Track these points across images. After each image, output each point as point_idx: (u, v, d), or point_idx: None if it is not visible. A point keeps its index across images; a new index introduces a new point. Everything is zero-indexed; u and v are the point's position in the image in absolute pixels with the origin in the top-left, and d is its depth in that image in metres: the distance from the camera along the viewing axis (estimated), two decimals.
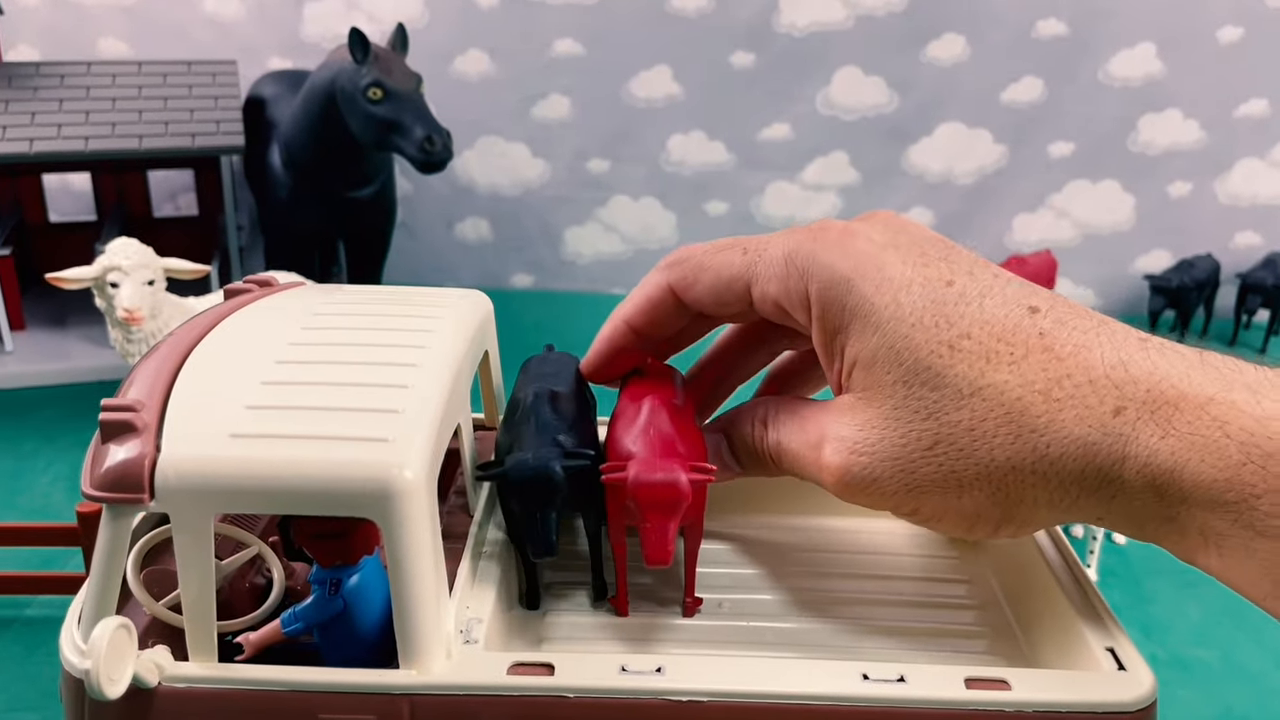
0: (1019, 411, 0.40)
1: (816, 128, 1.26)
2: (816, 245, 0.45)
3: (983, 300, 0.42)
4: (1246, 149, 1.26)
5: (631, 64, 1.25)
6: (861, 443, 0.43)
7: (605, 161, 1.30)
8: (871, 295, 0.43)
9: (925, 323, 0.42)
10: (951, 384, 0.41)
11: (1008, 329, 0.41)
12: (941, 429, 0.41)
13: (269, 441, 0.41)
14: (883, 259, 0.44)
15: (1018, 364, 0.40)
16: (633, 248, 1.35)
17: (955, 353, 0.41)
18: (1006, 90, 1.23)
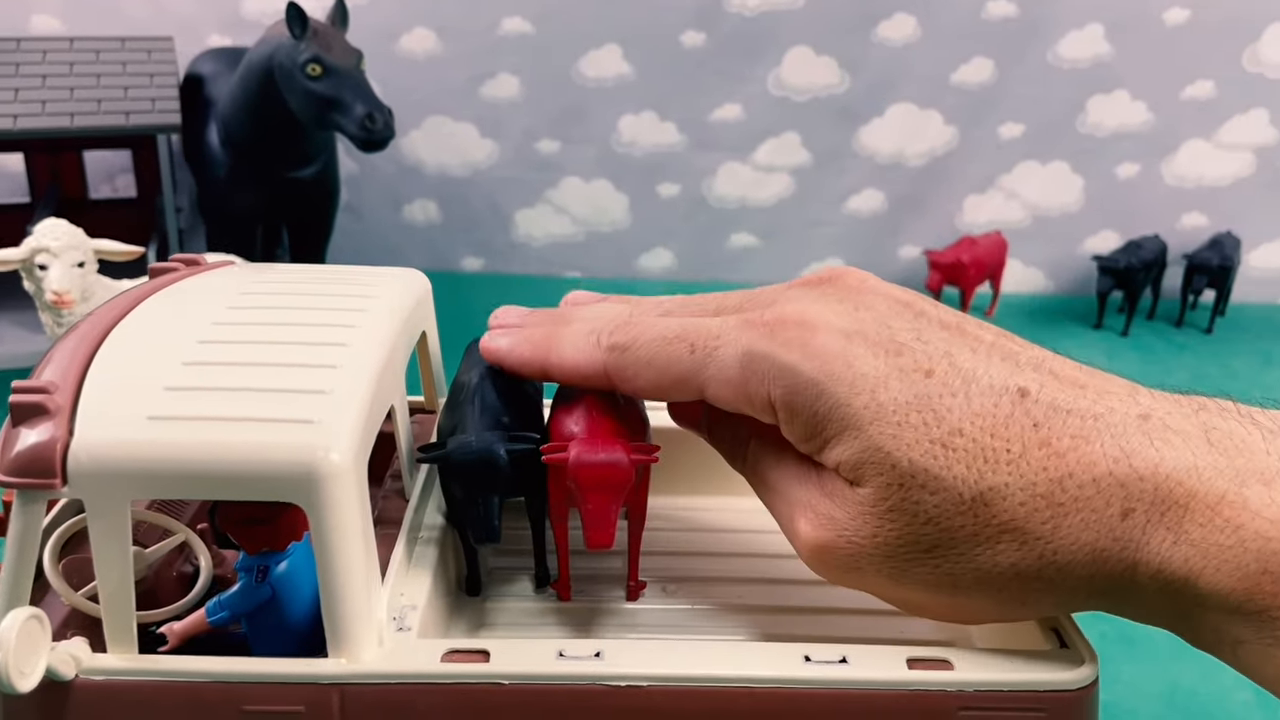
0: (1023, 518, 0.37)
1: (768, 108, 1.25)
2: (774, 346, 0.41)
3: (968, 389, 0.39)
4: (1193, 130, 1.27)
5: (581, 43, 1.23)
6: (851, 531, 0.40)
7: (555, 142, 1.28)
8: (846, 398, 0.39)
9: (912, 421, 0.38)
10: (950, 487, 0.38)
11: (999, 421, 0.38)
12: (942, 535, 0.39)
13: (189, 424, 0.39)
14: (850, 354, 0.40)
15: (1015, 463, 0.38)
16: (585, 230, 1.33)
17: (950, 452, 0.38)
18: (957, 71, 1.23)
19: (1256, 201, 1.30)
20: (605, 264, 1.35)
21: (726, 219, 1.32)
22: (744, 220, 1.33)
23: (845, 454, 0.40)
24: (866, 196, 1.31)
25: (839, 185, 1.30)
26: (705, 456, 0.57)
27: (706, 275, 1.36)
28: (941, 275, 1.17)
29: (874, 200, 1.31)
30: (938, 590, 0.40)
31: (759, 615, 0.51)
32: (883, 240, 1.33)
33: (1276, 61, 1.23)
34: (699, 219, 1.32)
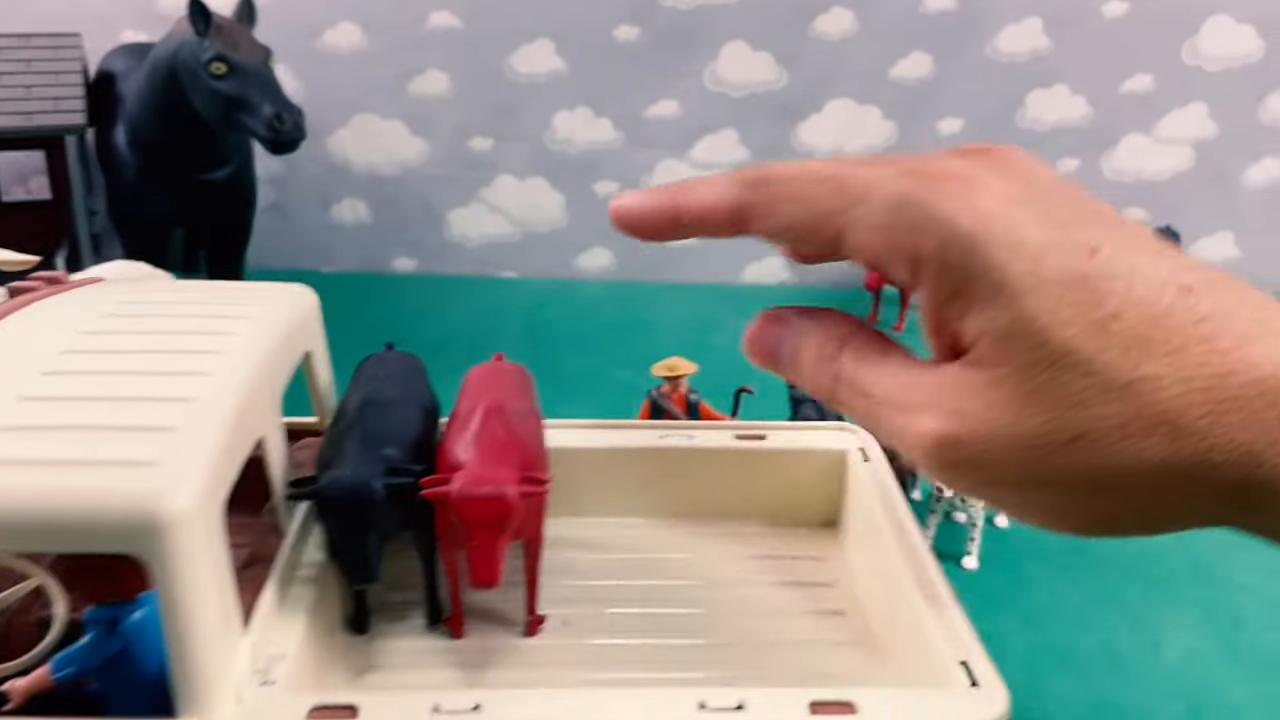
0: (1178, 411, 0.34)
1: (705, 105, 1.23)
2: (932, 195, 0.36)
3: (1132, 276, 0.34)
4: (1132, 125, 1.26)
5: (512, 37, 1.19)
6: (986, 422, 0.36)
7: (488, 140, 1.25)
8: (1005, 261, 0.33)
9: (1071, 298, 0.35)
10: (1101, 372, 0.32)
11: (1160, 312, 0.33)
12: (1089, 422, 0.33)
13: (18, 469, 0.36)
14: (1015, 218, 0.34)
15: (1174, 355, 0.32)
16: (520, 229, 1.30)
17: (1106, 336, 0.32)
18: (895, 66, 1.21)
19: (1196, 195, 1.29)
20: (542, 264, 1.32)
21: None
22: None
23: (993, 323, 0.34)
24: None
25: None
26: (613, 477, 0.55)
27: (646, 275, 1.33)
28: (878, 275, 1.15)
29: None
30: (1074, 489, 0.34)
31: (664, 650, 0.48)
32: None
33: (1215, 54, 1.22)
34: None
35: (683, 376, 0.76)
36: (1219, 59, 1.22)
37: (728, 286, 1.33)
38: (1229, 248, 1.32)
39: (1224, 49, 1.22)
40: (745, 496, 0.57)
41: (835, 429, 0.59)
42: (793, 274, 1.34)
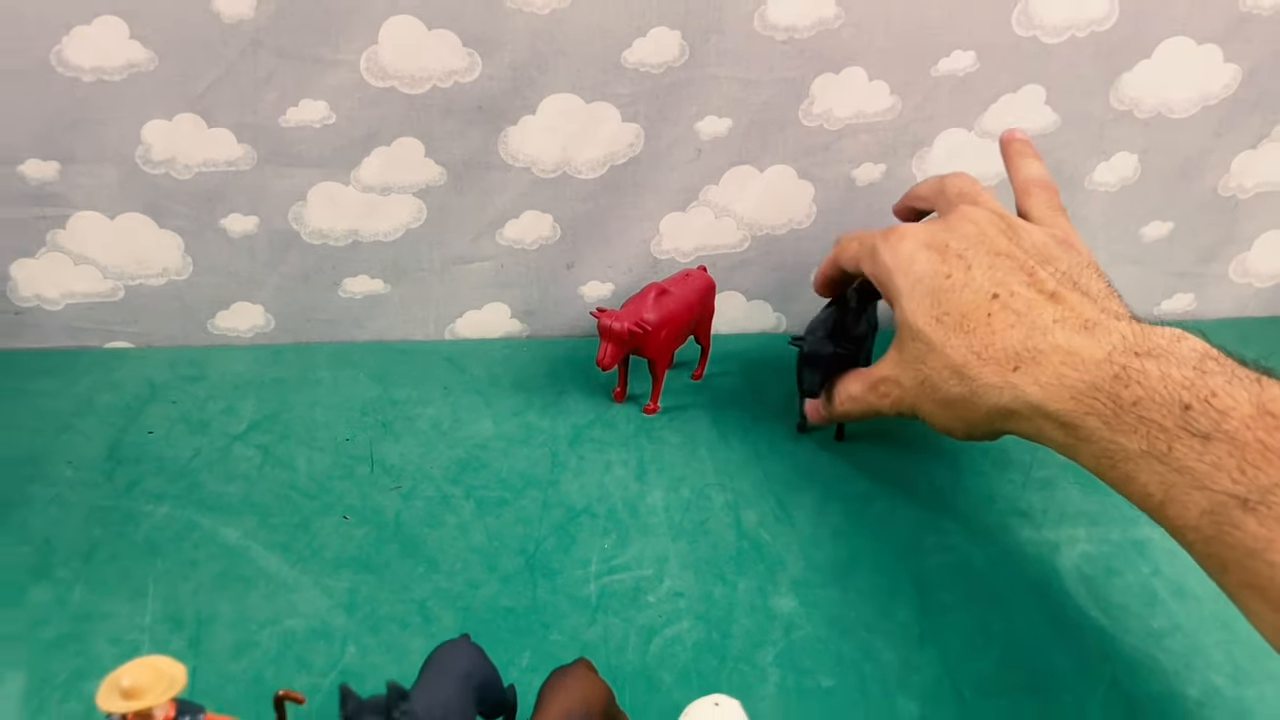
0: (963, 363, 0.65)
1: (368, 106, 0.86)
2: (883, 244, 0.74)
3: (962, 291, 0.66)
4: (949, 116, 0.95)
5: (60, 15, 0.80)
6: (894, 379, 0.72)
7: (50, 164, 0.85)
8: (901, 284, 0.70)
9: (925, 303, 0.68)
10: (930, 343, 0.67)
11: (970, 311, 0.66)
12: (927, 371, 0.68)
13: None
14: (915, 258, 0.70)
15: (967, 335, 0.65)
16: (123, 284, 0.92)
17: (938, 324, 0.67)
18: (631, 48, 0.87)
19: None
20: (164, 328, 0.94)
21: (333, 258, 0.93)
22: (360, 259, 0.94)
23: (898, 315, 0.71)
24: (528, 221, 0.94)
25: (488, 207, 0.93)
26: None
27: (317, 335, 0.97)
28: (617, 347, 0.82)
29: (540, 224, 0.95)
30: (935, 408, 0.69)
31: None
32: (558, 276, 0.97)
33: (1054, 22, 0.92)
34: (294, 260, 0.92)
35: (151, 707, 0.42)
36: (1059, 28, 0.92)
37: (433, 345, 0.98)
38: None
39: (1065, 14, 0.92)
40: None
41: None
42: (520, 324, 1.00)
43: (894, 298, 0.71)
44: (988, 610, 0.70)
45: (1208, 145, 1.01)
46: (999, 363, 0.62)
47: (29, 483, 0.77)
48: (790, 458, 0.84)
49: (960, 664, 0.65)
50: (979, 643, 0.67)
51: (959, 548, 0.75)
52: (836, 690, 0.63)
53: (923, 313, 0.67)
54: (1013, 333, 0.62)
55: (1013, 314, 0.63)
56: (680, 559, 0.73)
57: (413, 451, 0.83)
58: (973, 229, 0.69)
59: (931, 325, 0.66)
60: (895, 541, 0.75)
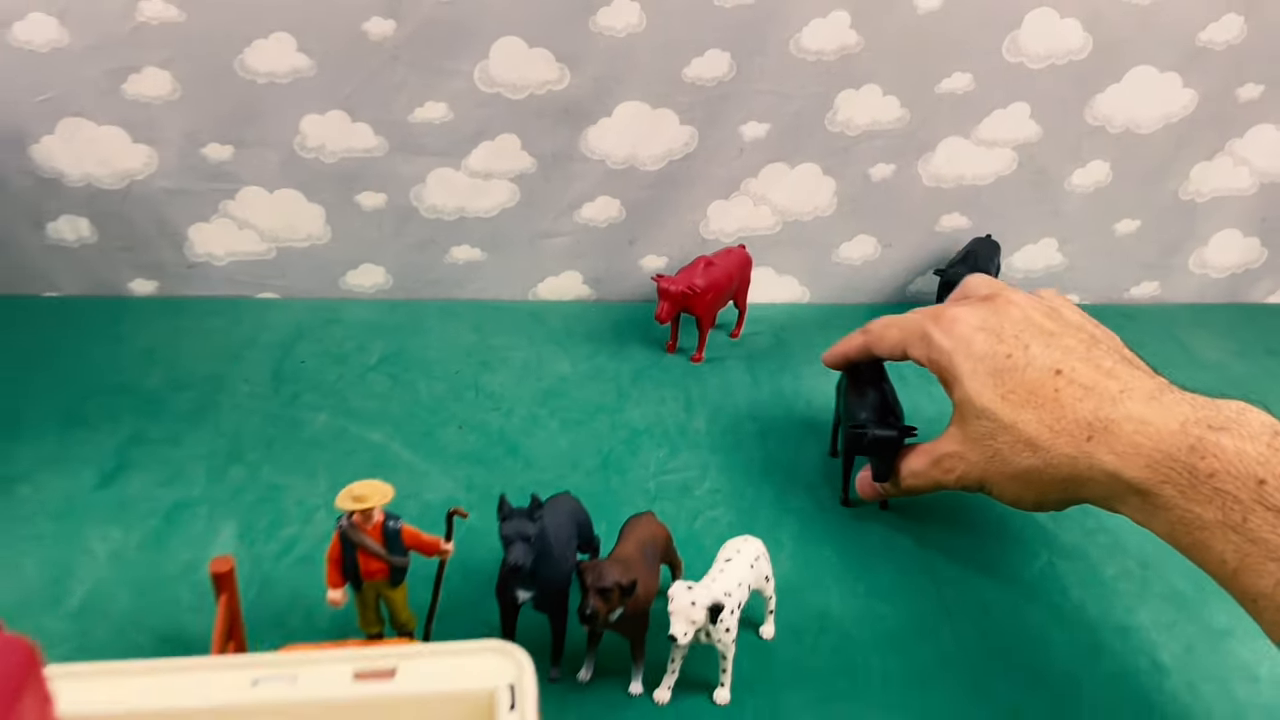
0: (1035, 436, 0.66)
1: (478, 107, 1.08)
2: (934, 328, 0.75)
3: (1025, 370, 0.68)
4: (949, 127, 1.15)
5: (244, 30, 1.02)
6: (960, 455, 0.73)
7: (226, 148, 1.08)
8: (962, 365, 0.71)
9: (989, 383, 0.69)
10: (1000, 419, 0.68)
11: (1035, 387, 0.67)
12: (997, 447, 0.69)
13: None
14: (972, 340, 0.72)
15: (1038, 409, 0.66)
16: (276, 246, 1.14)
17: (1005, 401, 0.68)
18: (691, 65, 1.08)
19: (1018, 200, 1.20)
20: (305, 283, 1.16)
21: (444, 231, 1.15)
22: (465, 232, 1.16)
23: (958, 396, 0.72)
24: (601, 205, 1.16)
25: (568, 192, 1.14)
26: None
27: (427, 293, 1.19)
28: (672, 305, 1.03)
29: (609, 208, 1.16)
30: (1003, 482, 0.70)
31: None
32: (621, 250, 1.18)
33: (1038, 51, 1.12)
34: (412, 232, 1.14)
35: (373, 508, 0.64)
36: (1042, 56, 1.12)
37: (518, 304, 1.20)
38: (1052, 254, 1.25)
39: (1048, 45, 1.12)
40: None
41: (490, 651, 0.47)
42: (589, 290, 1.21)
43: (954, 378, 0.72)
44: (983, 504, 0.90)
45: (1169, 156, 1.20)
46: (1072, 434, 0.64)
47: (216, 394, 0.99)
48: (807, 399, 1.05)
49: (938, 541, 0.85)
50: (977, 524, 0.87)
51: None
52: (834, 558, 0.83)
53: (988, 392, 0.69)
54: (1083, 405, 0.64)
55: (1080, 388, 0.65)
56: (718, 467, 0.94)
57: (508, 382, 1.04)
58: (1019, 313, 0.72)
59: (998, 403, 0.68)
60: None
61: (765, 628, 0.75)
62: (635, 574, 0.65)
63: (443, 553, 0.68)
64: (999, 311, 0.73)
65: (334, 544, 0.66)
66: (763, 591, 0.73)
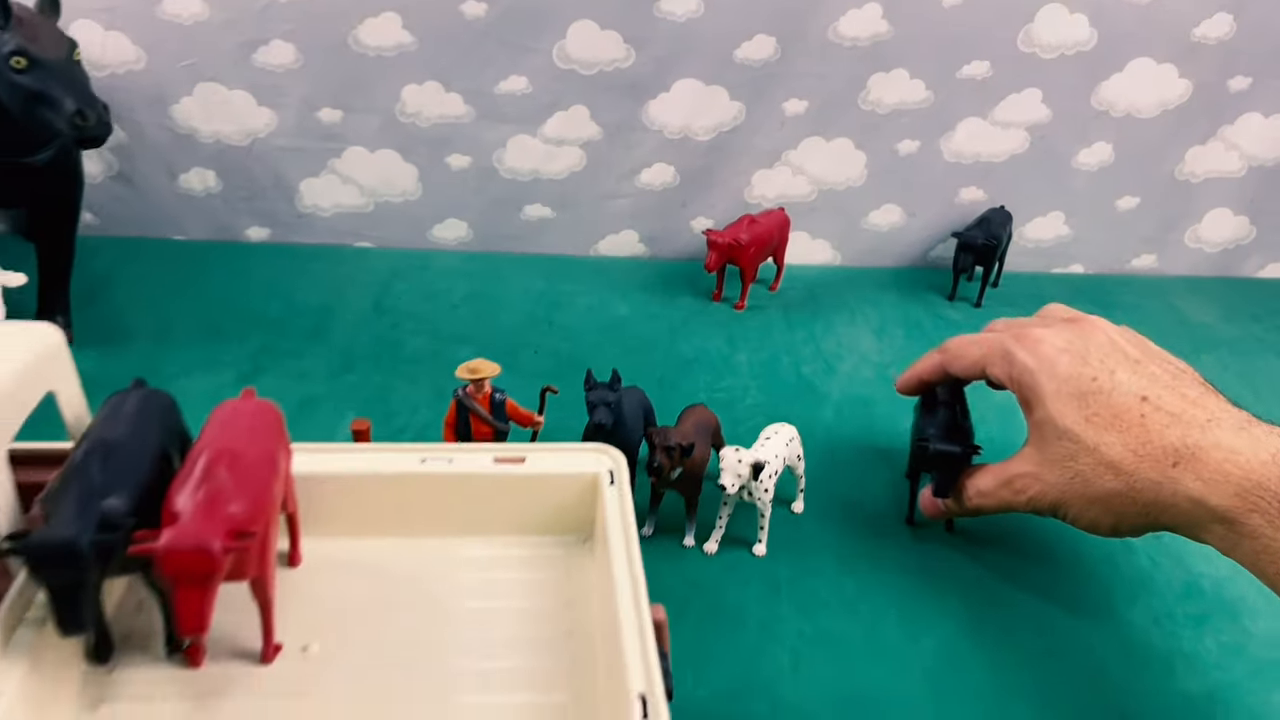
0: (1119, 459, 0.66)
1: (554, 81, 1.24)
2: (1017, 348, 0.75)
3: (1111, 394, 0.68)
4: (969, 109, 1.30)
5: (358, 10, 1.18)
6: (1036, 476, 0.72)
7: (337, 112, 1.24)
8: (1045, 385, 0.71)
9: (1072, 404, 0.69)
10: (1082, 441, 0.68)
11: (1121, 411, 0.67)
12: (1079, 468, 0.68)
13: None
14: (1057, 361, 0.72)
15: (1122, 433, 0.66)
16: (374, 200, 1.31)
17: (1088, 423, 0.68)
18: (740, 47, 1.23)
19: (1030, 176, 1.34)
20: (397, 234, 1.33)
21: (519, 190, 1.31)
22: (537, 192, 1.31)
23: (1038, 416, 0.72)
24: (657, 170, 1.31)
25: (629, 159, 1.30)
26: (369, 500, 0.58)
27: (502, 246, 1.35)
28: (719, 255, 1.19)
29: (665, 174, 1.31)
30: (1081, 505, 0.69)
31: (401, 677, 0.52)
32: (674, 212, 1.34)
33: (1049, 42, 1.26)
34: (491, 190, 1.30)
35: (485, 378, 0.79)
36: (1053, 46, 1.27)
37: (581, 259, 1.36)
38: (1060, 226, 1.39)
39: (1057, 37, 1.26)
40: (503, 517, 0.61)
41: (592, 450, 0.62)
42: (644, 247, 1.37)
43: (1036, 398, 0.72)
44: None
45: (1166, 140, 1.34)
46: (1157, 459, 0.64)
47: (328, 320, 1.15)
48: (837, 339, 1.20)
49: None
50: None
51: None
52: (852, 455, 0.98)
53: (1071, 413, 0.68)
54: (1169, 431, 0.64)
55: (1167, 415, 0.65)
56: (757, 389, 1.08)
57: (574, 319, 1.20)
58: (1104, 338, 0.72)
59: (1082, 425, 0.68)
60: None
61: (796, 504, 0.90)
62: (693, 441, 0.80)
63: (536, 424, 0.83)
64: (1084, 335, 0.72)
65: (451, 410, 0.81)
66: (794, 470, 0.88)
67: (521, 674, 0.52)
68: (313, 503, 0.57)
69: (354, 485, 0.59)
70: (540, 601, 0.57)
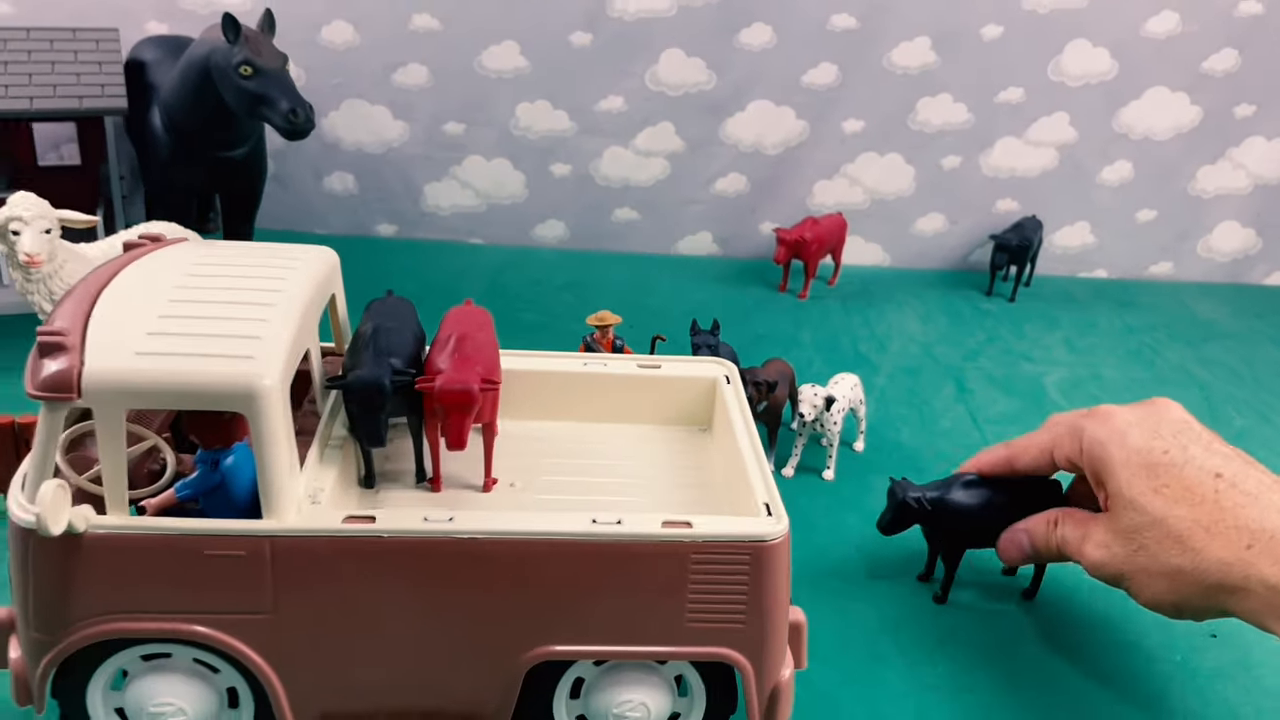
0: (1188, 533, 0.64)
1: (646, 101, 1.44)
2: (1088, 423, 0.73)
3: (1183, 467, 0.66)
4: (1006, 129, 1.49)
5: (483, 39, 1.40)
6: (1104, 544, 0.70)
7: (460, 125, 1.45)
8: (1115, 455, 0.69)
9: (1143, 475, 0.67)
10: (1150, 514, 0.66)
11: (1193, 485, 0.65)
12: (1144, 540, 0.66)
13: (165, 357, 0.57)
14: (1128, 433, 0.70)
15: (1193, 507, 0.64)
16: (486, 202, 1.51)
17: (1158, 495, 0.66)
18: (806, 74, 1.43)
19: (1059, 190, 1.53)
20: (504, 232, 1.53)
21: (611, 196, 1.51)
22: (626, 197, 1.52)
23: (1111, 487, 0.69)
24: (731, 179, 1.51)
25: (707, 169, 1.50)
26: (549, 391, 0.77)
27: (595, 245, 1.55)
28: (787, 250, 1.38)
29: (738, 183, 1.51)
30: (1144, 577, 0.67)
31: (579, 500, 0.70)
32: (745, 216, 1.53)
33: (1076, 72, 1.45)
34: (587, 195, 1.51)
35: (610, 326, 0.99)
36: (1079, 76, 1.46)
37: (662, 256, 1.56)
38: (1085, 235, 1.57)
39: (1083, 68, 1.45)
40: (645, 407, 0.80)
41: (711, 362, 0.81)
42: (718, 247, 1.56)
43: (1106, 470, 0.69)
44: None
45: (1180, 160, 1.52)
46: (1229, 538, 0.62)
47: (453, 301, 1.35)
48: (888, 324, 1.38)
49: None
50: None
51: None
52: (908, 413, 1.15)
53: (1140, 483, 0.66)
54: (1245, 511, 0.62)
55: (1243, 494, 0.63)
56: (820, 361, 1.27)
57: (659, 302, 1.39)
58: (1178, 414, 0.70)
59: (1149, 496, 0.65)
60: (954, 349, 1.29)
61: (858, 443, 1.08)
62: (775, 380, 0.99)
63: None
64: (1157, 411, 0.71)
65: (580, 349, 1.01)
66: (857, 412, 1.06)
67: (662, 504, 0.71)
68: (506, 393, 0.76)
69: (536, 380, 0.78)
70: (673, 467, 0.76)
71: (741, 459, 0.69)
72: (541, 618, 0.61)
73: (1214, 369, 1.33)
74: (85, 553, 0.58)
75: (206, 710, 0.63)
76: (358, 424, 0.65)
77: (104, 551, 0.59)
